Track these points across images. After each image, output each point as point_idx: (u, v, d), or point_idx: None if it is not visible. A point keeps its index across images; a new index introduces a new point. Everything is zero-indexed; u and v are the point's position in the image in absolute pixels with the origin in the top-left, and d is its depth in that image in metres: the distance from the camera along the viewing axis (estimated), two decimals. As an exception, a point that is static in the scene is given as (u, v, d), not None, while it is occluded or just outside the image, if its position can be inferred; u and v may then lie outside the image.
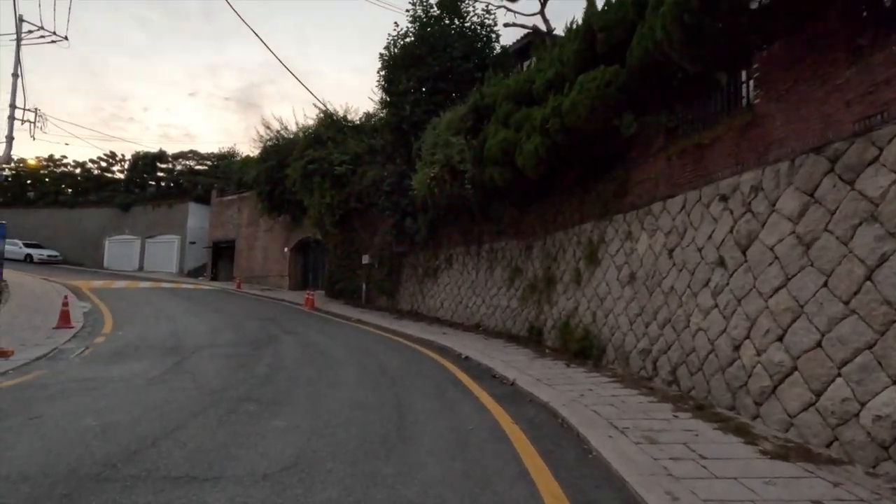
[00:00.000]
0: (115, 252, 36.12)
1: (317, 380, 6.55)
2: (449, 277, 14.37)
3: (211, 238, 31.22)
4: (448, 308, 14.12)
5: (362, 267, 18.13)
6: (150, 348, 8.71)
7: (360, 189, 17.28)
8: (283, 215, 23.30)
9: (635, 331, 7.11)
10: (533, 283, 10.76)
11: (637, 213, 7.54)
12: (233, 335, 10.44)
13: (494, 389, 6.37)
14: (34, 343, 8.89)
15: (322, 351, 8.91)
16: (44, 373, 6.64)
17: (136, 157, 38.04)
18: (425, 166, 12.93)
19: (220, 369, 6.99)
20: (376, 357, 8.55)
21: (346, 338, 10.85)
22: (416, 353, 9.21)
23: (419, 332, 11.61)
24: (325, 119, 20.00)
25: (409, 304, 16.19)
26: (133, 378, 6.31)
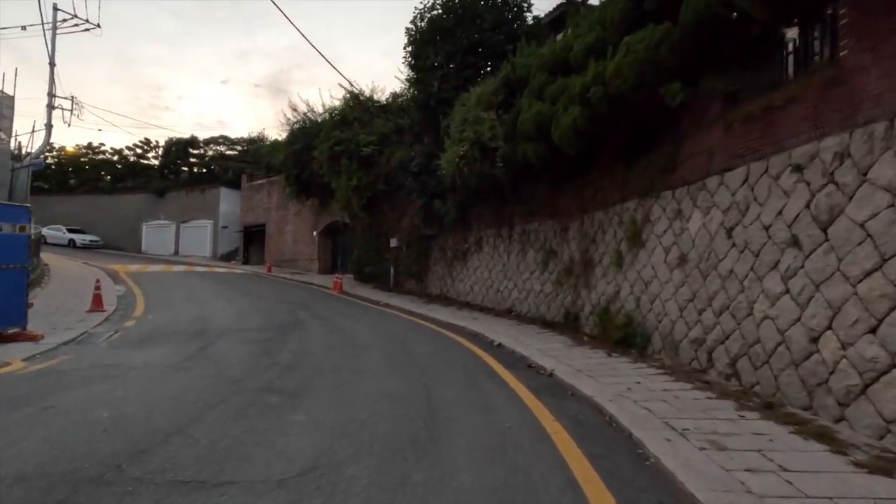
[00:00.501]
0: (152, 237, 37.03)
1: (342, 368, 6.21)
2: (479, 261, 13.88)
3: (242, 222, 31.56)
4: (478, 292, 13.66)
5: (390, 250, 17.82)
6: (177, 332, 8.59)
7: (388, 170, 16.87)
8: (311, 199, 23.17)
9: (686, 318, 6.48)
10: (569, 267, 10.16)
11: (688, 189, 6.84)
12: (260, 319, 10.27)
13: (531, 380, 5.90)
14: (65, 326, 8.90)
15: (349, 336, 8.61)
16: (69, 358, 6.53)
17: (170, 143, 38.66)
18: (454, 144, 12.37)
19: (243, 356, 6.74)
20: (404, 343, 8.19)
21: (374, 323, 10.54)
22: (445, 340, 8.81)
23: (449, 318, 11.21)
24: (351, 99, 19.58)
25: (438, 288, 15.81)
26: (155, 365, 6.12)
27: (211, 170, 37.57)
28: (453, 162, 12.18)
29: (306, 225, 25.58)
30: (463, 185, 12.45)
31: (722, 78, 6.30)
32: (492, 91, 11.46)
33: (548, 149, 9.49)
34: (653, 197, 7.70)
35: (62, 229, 35.52)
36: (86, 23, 28.01)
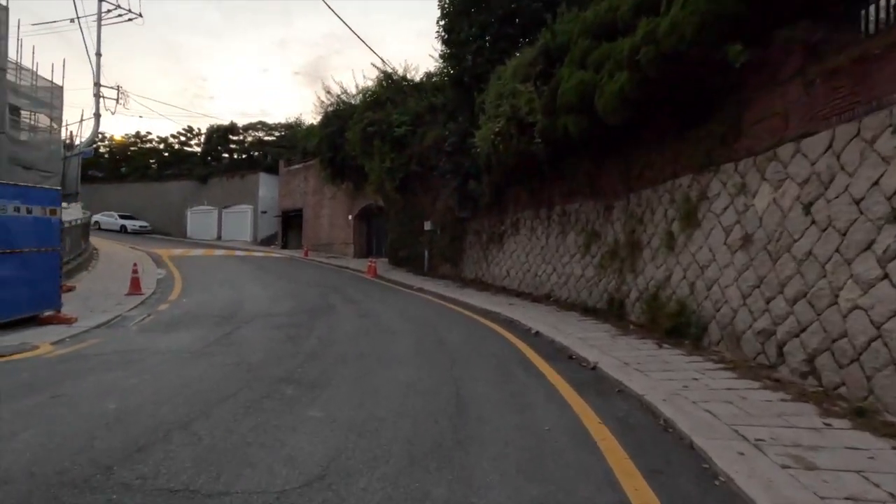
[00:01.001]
0: (196, 222, 38.13)
1: (368, 356, 5.84)
2: (516, 243, 13.25)
3: (280, 207, 31.93)
4: (515, 277, 13.07)
5: (424, 233, 17.41)
6: (207, 316, 8.48)
7: (421, 151, 16.37)
8: (345, 182, 23.02)
9: (751, 306, 5.72)
10: (613, 249, 9.42)
11: (755, 160, 6.00)
12: (291, 303, 10.09)
13: (572, 374, 5.34)
14: (102, 310, 8.97)
15: (378, 322, 8.26)
16: (97, 342, 6.46)
17: (211, 130, 39.50)
18: (489, 121, 11.73)
19: (268, 341, 6.49)
20: (436, 330, 7.77)
21: (405, 308, 10.18)
22: (479, 327, 8.33)
23: (483, 303, 10.71)
24: (384, 80, 19.12)
25: (472, 273, 15.31)
26: (178, 350, 5.93)
27: (250, 156, 38.21)
28: (488, 139, 11.56)
29: (342, 209, 25.53)
30: (499, 163, 11.82)
31: (801, 27, 5.41)
32: (529, 61, 10.70)
33: (590, 121, 8.75)
34: (710, 171, 6.88)
35: (114, 215, 37.08)
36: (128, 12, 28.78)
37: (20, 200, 6.80)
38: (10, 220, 6.65)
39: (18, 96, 21.08)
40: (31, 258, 7.06)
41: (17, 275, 6.79)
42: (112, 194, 40.38)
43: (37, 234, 7.15)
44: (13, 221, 6.69)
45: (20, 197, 6.82)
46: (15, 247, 6.76)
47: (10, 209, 6.62)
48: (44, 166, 22.26)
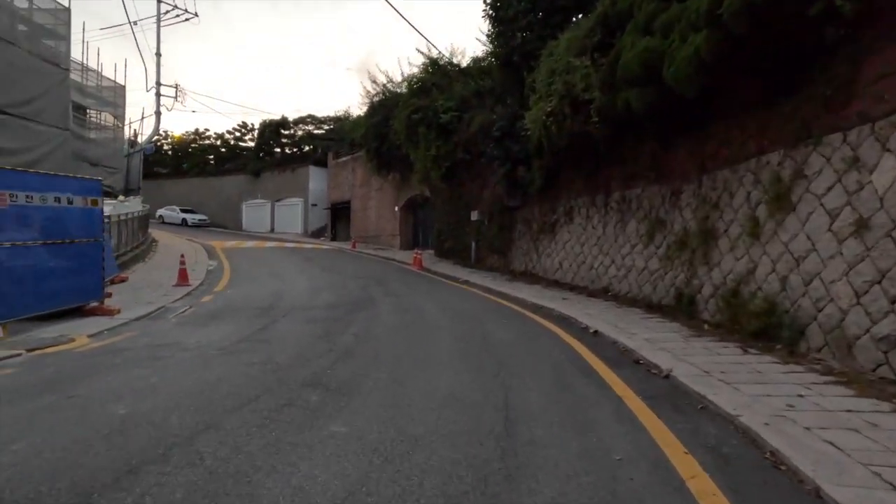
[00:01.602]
0: (251, 215, 39.28)
1: (405, 356, 5.28)
2: (569, 233, 12.34)
3: (329, 199, 32.21)
4: (568, 269, 12.18)
5: (471, 224, 16.75)
6: (246, 308, 8.25)
7: (467, 137, 15.67)
8: (391, 173, 22.71)
9: (868, 306, 4.68)
10: (682, 239, 8.39)
11: (872, 126, 4.91)
12: (332, 296, 9.75)
13: (642, 383, 4.54)
14: (147, 301, 8.96)
15: (420, 317, 7.71)
16: (132, 335, 6.28)
17: (264, 125, 40.45)
18: (540, 101, 10.87)
19: (302, 337, 6.07)
20: (482, 327, 7.11)
21: (450, 302, 9.58)
22: (530, 324, 7.60)
23: (534, 297, 9.94)
24: (429, 65, 18.52)
25: (522, 265, 14.51)
26: (208, 346, 5.61)
27: (300, 149, 38.86)
28: (539, 121, 10.70)
29: (388, 200, 25.29)
30: (550, 147, 10.94)
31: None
32: (585, 33, 9.74)
33: (657, 94, 7.78)
34: (809, 144, 5.79)
35: (176, 209, 38.81)
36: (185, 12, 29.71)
37: (60, 191, 6.73)
38: (50, 210, 6.58)
39: (85, 96, 22.14)
40: (73, 249, 7.01)
41: (58, 266, 6.75)
42: (174, 189, 42.36)
43: (78, 225, 7.09)
44: (53, 212, 6.63)
45: (60, 187, 6.75)
46: (56, 238, 6.70)
47: (50, 199, 6.56)
48: (109, 163, 23.38)
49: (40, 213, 6.43)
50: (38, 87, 14.72)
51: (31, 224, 6.31)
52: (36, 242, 6.39)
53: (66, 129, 15.98)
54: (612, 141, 9.95)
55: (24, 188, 6.16)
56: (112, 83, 23.61)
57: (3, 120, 13.48)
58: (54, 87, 15.52)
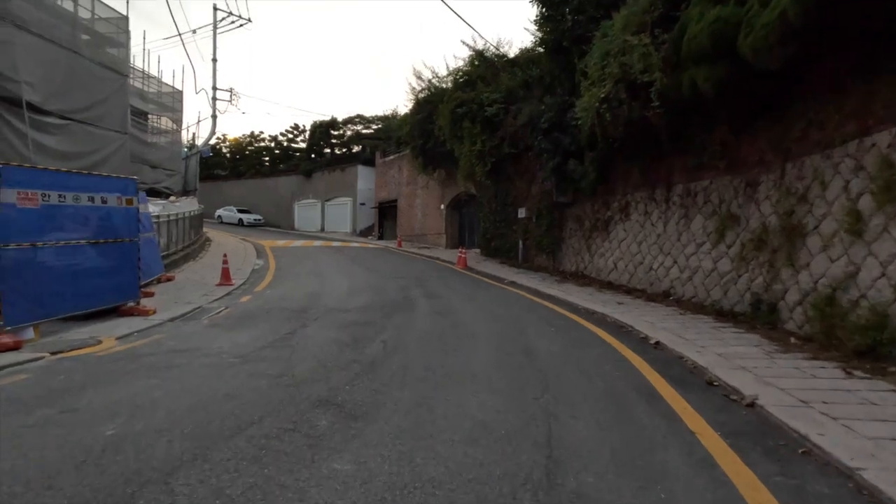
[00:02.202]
0: (302, 215, 40.14)
1: (436, 370, 4.68)
2: (625, 231, 11.33)
3: (376, 198, 32.25)
4: (623, 270, 11.18)
5: (518, 222, 15.97)
6: (280, 310, 7.96)
7: (514, 130, 14.90)
8: (437, 170, 22.23)
9: None
10: (759, 236, 7.32)
11: None
12: (369, 297, 9.32)
13: (719, 413, 3.72)
14: (186, 301, 8.89)
15: (458, 322, 7.09)
16: (159, 338, 6.07)
17: (314, 126, 41.24)
18: (592, 86, 9.95)
19: (327, 345, 5.62)
20: (525, 335, 6.41)
21: (493, 305, 8.91)
22: (580, 332, 6.81)
23: (585, 301, 9.09)
24: (475, 57, 17.87)
25: (572, 265, 13.58)
26: (229, 353, 5.27)
27: (349, 149, 39.26)
28: (592, 108, 9.80)
29: (434, 198, 24.86)
30: (604, 136, 10.02)
31: None
32: (644, 7, 8.76)
33: (729, 70, 6.83)
34: (933, 119, 4.68)
35: (233, 210, 40.30)
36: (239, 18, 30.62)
37: (94, 190, 6.65)
38: (84, 210, 6.51)
39: (146, 102, 23.16)
40: (107, 249, 6.94)
41: (93, 266, 6.68)
42: (232, 190, 44.08)
43: (113, 225, 7.01)
44: (87, 212, 6.56)
45: (94, 187, 6.67)
46: (90, 237, 6.63)
47: (83, 199, 6.49)
48: (168, 165, 24.38)
49: (73, 212, 6.37)
50: (98, 92, 15.36)
51: (64, 224, 6.24)
52: (69, 242, 6.33)
53: (124, 132, 16.63)
54: (675, 128, 8.94)
55: (56, 188, 6.09)
56: (171, 89, 24.62)
57: (66, 125, 14.13)
58: (114, 92, 16.17)
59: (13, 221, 5.58)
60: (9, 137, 12.23)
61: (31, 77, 12.89)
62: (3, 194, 5.49)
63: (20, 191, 5.66)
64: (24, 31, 12.75)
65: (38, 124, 13.08)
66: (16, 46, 12.49)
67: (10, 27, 12.37)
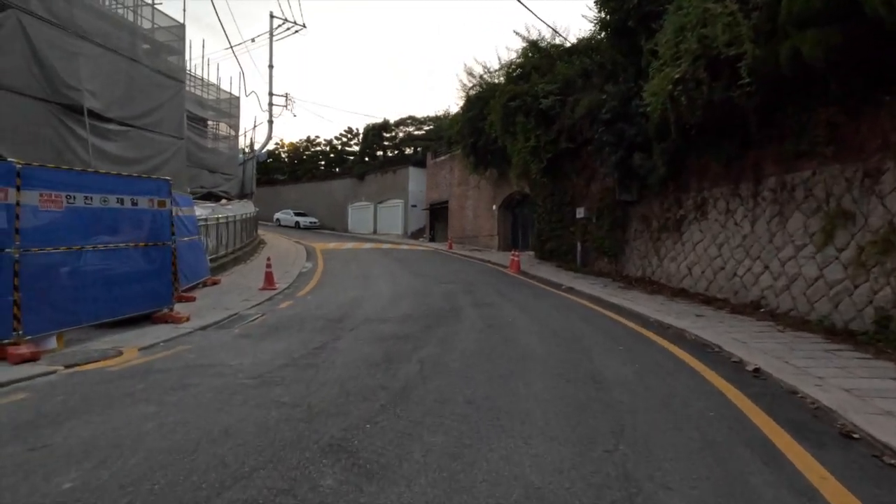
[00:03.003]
0: (356, 217, 40.44)
1: (480, 406, 3.82)
2: (701, 232, 9.96)
3: (427, 200, 31.77)
4: (700, 276, 9.81)
5: (576, 222, 14.77)
6: (316, 319, 7.39)
7: (572, 123, 13.74)
8: (489, 169, 21.31)
9: None
10: (885, 237, 5.93)
11: None
12: (411, 305, 8.60)
13: (877, 487, 2.62)
14: (225, 307, 8.55)
15: (510, 339, 6.19)
16: (182, 350, 5.61)
17: (367, 129, 41.50)
18: (664, 67, 8.74)
19: (355, 365, 4.90)
20: (589, 356, 5.40)
21: (549, 316, 7.92)
22: (656, 353, 5.71)
23: (657, 312, 7.91)
24: (529, 48, 16.83)
25: (638, 269, 12.26)
26: (248, 371, 4.67)
27: (401, 151, 39.15)
28: (664, 92, 8.59)
29: (485, 199, 23.97)
30: (678, 124, 8.77)
31: None
32: (730, -30, 7.49)
33: (847, 34, 5.54)
34: None
35: (290, 213, 41.26)
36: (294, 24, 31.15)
37: (124, 192, 6.34)
38: (112, 212, 6.20)
39: (205, 108, 23.88)
40: (137, 254, 6.62)
41: (121, 272, 6.36)
42: (290, 194, 45.25)
43: (144, 228, 6.69)
44: (115, 214, 6.24)
45: (123, 188, 6.36)
46: (118, 241, 6.32)
47: (112, 201, 6.18)
48: (225, 169, 25.01)
49: (101, 215, 6.06)
50: (156, 99, 15.73)
51: (91, 227, 5.94)
52: (97, 247, 6.03)
53: (181, 137, 17.00)
54: (766, 110, 7.62)
55: (82, 189, 5.79)
56: (228, 95, 25.30)
57: (126, 131, 14.51)
58: (171, 98, 16.54)
59: (35, 225, 5.30)
60: (71, 144, 12.59)
61: (93, 85, 13.26)
62: (24, 196, 5.20)
63: (43, 192, 5.37)
64: (86, 41, 13.15)
65: (99, 131, 13.44)
66: (79, 56, 12.89)
67: (73, 38, 12.77)
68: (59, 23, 12.40)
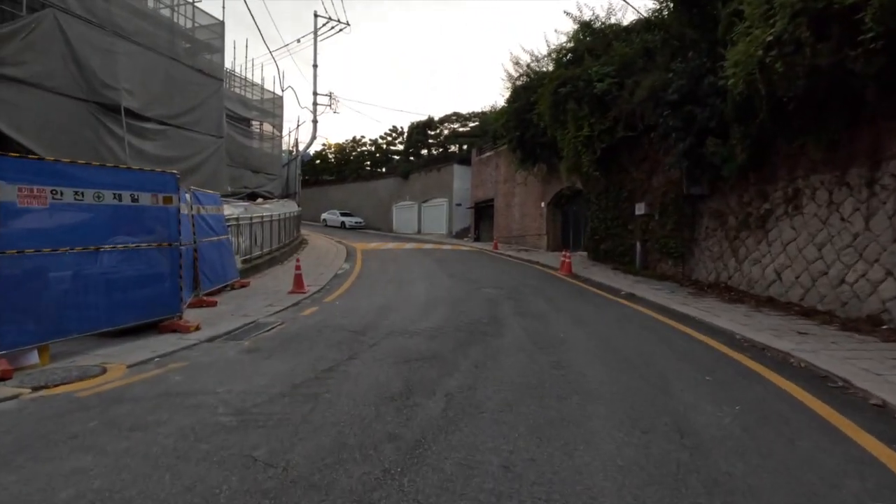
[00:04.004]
0: (401, 216, 39.89)
1: (523, 474, 2.69)
2: (794, 229, 8.32)
3: (472, 198, 30.67)
4: (793, 282, 8.17)
5: (635, 220, 13.23)
6: (337, 330, 6.49)
7: (631, 109, 12.24)
8: (537, 164, 19.90)
9: None
10: None
11: None
12: (446, 315, 7.54)
13: None
14: (244, 313, 7.83)
15: (563, 363, 4.99)
16: (174, 368, 4.83)
17: (411, 127, 40.91)
18: (752, 29, 7.23)
19: (366, 398, 3.89)
20: (668, 391, 4.14)
21: (609, 330, 6.63)
22: (757, 388, 4.34)
23: (744, 327, 6.45)
24: (580, 30, 15.37)
25: (710, 273, 10.64)
26: (232, 402, 3.78)
27: (446, 149, 38.24)
28: (752, 60, 7.10)
29: (533, 196, 22.57)
30: (770, 98, 7.24)
31: None
32: None
33: None
34: None
35: (336, 213, 41.29)
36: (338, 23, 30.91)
37: (122, 187, 5.66)
38: (106, 209, 5.53)
39: (249, 109, 23.88)
40: (137, 256, 5.94)
41: (118, 276, 5.69)
42: (337, 194, 45.41)
43: (145, 228, 6.01)
44: (111, 212, 5.57)
45: (122, 183, 5.68)
46: (114, 243, 5.65)
47: (107, 197, 5.50)
48: (269, 169, 24.94)
49: (93, 213, 5.40)
50: (195, 97, 15.52)
51: (81, 226, 5.28)
52: (87, 249, 5.37)
53: (220, 136, 16.79)
54: (890, 75, 6.01)
55: (71, 183, 5.14)
56: (272, 95, 25.25)
57: (164, 130, 14.34)
58: (210, 97, 16.33)
59: (13, 224, 4.66)
60: (109, 143, 12.45)
61: (131, 84, 13.09)
62: (1, 191, 4.57)
63: (22, 187, 4.73)
64: (124, 39, 13.00)
65: (137, 130, 13.28)
66: (117, 55, 12.73)
67: (111, 36, 12.62)
68: (97, 21, 12.25)
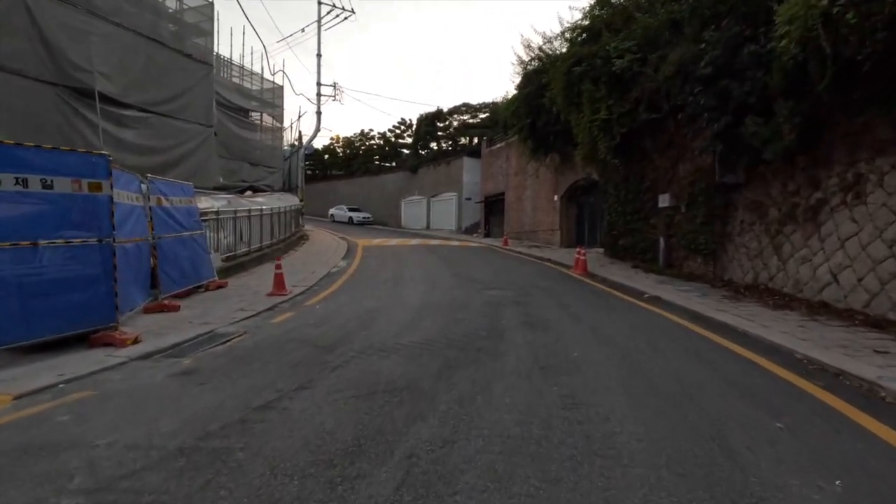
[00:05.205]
0: (409, 212, 38.76)
1: None
2: (855, 221, 6.97)
3: (482, 192, 29.40)
4: (855, 285, 6.82)
5: (658, 213, 11.88)
6: (299, 345, 5.34)
7: (655, 87, 10.87)
8: (550, 154, 18.59)
9: None
10: None
11: None
12: (438, 325, 6.35)
13: None
14: (204, 320, 6.72)
15: (576, 397, 3.78)
16: (68, 402, 3.74)
17: (420, 119, 39.68)
18: (813, -24, 5.88)
19: (292, 464, 2.73)
20: (726, 447, 2.91)
21: (635, 345, 5.38)
22: (851, 438, 3.08)
23: (801, 343, 5.15)
24: (597, 5, 13.98)
25: (746, 273, 9.29)
26: (96, 469, 2.66)
27: (455, 141, 36.97)
28: (813, 13, 5.76)
29: (545, 188, 21.24)
30: (830, 65, 5.90)
31: None
32: None
33: None
34: None
35: (344, 209, 40.31)
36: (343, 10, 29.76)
37: (28, 170, 4.57)
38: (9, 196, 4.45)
39: (248, 99, 22.87)
40: (50, 256, 4.86)
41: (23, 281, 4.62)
42: (345, 189, 44.44)
43: (63, 221, 4.92)
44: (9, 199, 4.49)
45: (28, 165, 4.59)
46: (15, 239, 4.57)
47: (7, 182, 4.43)
48: (268, 162, 23.92)
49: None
50: (181, 83, 14.49)
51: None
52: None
53: (209, 125, 15.79)
54: None
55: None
56: (271, 84, 24.22)
57: (146, 118, 13.36)
58: (198, 83, 15.32)
59: None
60: (81, 130, 11.45)
61: (108, 67, 12.07)
62: None
63: None
64: (100, 19, 11.99)
65: (114, 117, 12.28)
66: (91, 36, 11.72)
67: (84, 15, 11.63)
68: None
